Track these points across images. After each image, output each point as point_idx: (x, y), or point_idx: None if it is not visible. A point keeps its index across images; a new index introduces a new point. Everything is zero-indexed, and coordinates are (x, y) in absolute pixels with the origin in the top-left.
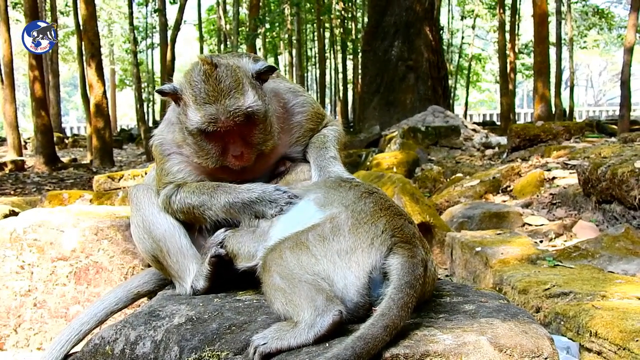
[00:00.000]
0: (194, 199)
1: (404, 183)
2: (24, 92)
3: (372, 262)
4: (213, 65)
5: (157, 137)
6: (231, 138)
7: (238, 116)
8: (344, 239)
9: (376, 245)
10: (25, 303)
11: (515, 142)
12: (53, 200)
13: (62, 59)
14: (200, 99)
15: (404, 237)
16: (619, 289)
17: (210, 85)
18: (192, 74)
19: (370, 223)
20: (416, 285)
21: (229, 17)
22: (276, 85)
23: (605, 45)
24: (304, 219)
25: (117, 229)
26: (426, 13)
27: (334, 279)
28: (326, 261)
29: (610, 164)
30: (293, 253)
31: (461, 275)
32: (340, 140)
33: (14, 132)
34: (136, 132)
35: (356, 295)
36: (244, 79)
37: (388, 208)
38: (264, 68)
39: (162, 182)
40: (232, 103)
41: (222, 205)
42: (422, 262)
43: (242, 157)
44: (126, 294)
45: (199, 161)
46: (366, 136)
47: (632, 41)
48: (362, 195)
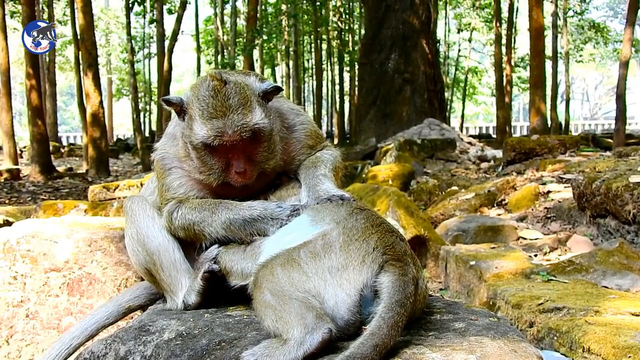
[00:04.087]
0: (195, 215)
1: (399, 196)
2: (20, 101)
3: (363, 280)
4: (222, 82)
5: (159, 151)
6: (235, 154)
7: (245, 132)
8: (335, 256)
9: (367, 263)
10: (17, 314)
11: (510, 155)
12: (48, 210)
13: (59, 68)
14: (208, 113)
15: (395, 255)
16: (613, 304)
17: (219, 101)
18: (200, 88)
19: (362, 240)
20: (407, 303)
21: (227, 28)
22: (280, 105)
23: (601, 59)
24: (295, 235)
25: (110, 240)
26: (423, 26)
27: (325, 297)
28: (317, 278)
29: (605, 178)
30: (284, 270)
31: (455, 289)
32: (335, 163)
33: (10, 140)
34: (132, 142)
35: (347, 313)
36: (251, 97)
37: (379, 225)
38: (270, 88)
39: (163, 198)
40: (240, 119)
41: (222, 222)
42: (413, 280)
43: (244, 174)
44: (117, 308)
45: (200, 177)
46: (362, 148)
47: (627, 55)
48: (354, 212)
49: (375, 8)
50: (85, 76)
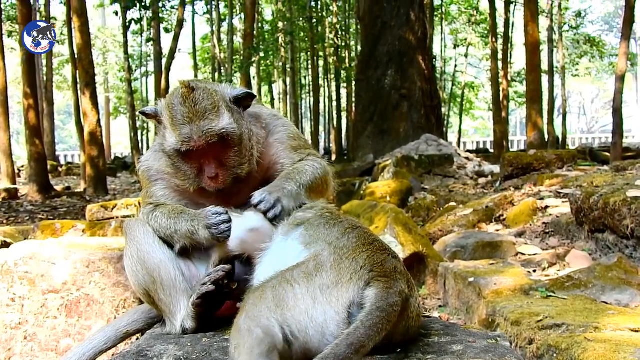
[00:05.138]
0: (164, 221)
1: (397, 213)
2: (18, 120)
3: (350, 297)
4: (190, 89)
5: (143, 163)
6: (206, 159)
7: (211, 137)
8: (326, 274)
9: (354, 280)
10: (15, 336)
11: (508, 170)
12: (46, 230)
13: (56, 87)
14: (177, 120)
15: (382, 272)
16: (612, 320)
17: (187, 107)
18: (171, 97)
19: (352, 259)
20: (389, 310)
21: (224, 45)
22: (258, 110)
23: (597, 73)
24: (289, 258)
25: (108, 261)
26: (419, 42)
27: (314, 315)
28: (307, 298)
29: (603, 193)
30: (274, 291)
31: (454, 305)
32: (315, 174)
33: (7, 160)
34: (130, 161)
35: (336, 330)
36: (220, 102)
37: (371, 243)
38: (242, 94)
39: (144, 202)
40: (206, 124)
41: (184, 233)
42: (400, 293)
43: (217, 179)
44: (115, 333)
45: (178, 182)
46: (360, 165)
47: (623, 69)
48: (346, 231)
49: (372, 25)
50: (82, 95)
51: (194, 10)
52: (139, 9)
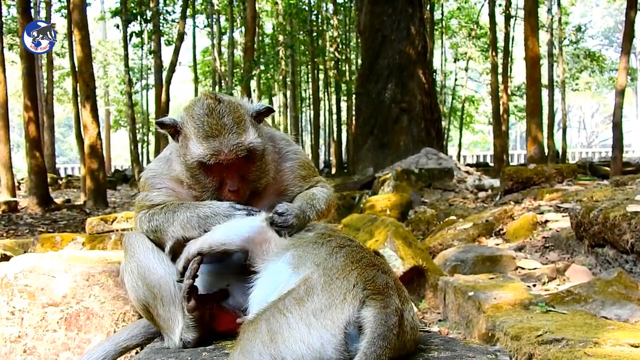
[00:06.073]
0: (161, 216)
1: (397, 227)
2: (18, 133)
3: (346, 318)
4: (217, 100)
5: (149, 171)
6: (230, 173)
7: (241, 151)
8: (317, 297)
9: (349, 300)
10: (15, 349)
11: (508, 184)
12: (45, 244)
13: (57, 100)
14: (203, 132)
15: (376, 289)
16: (612, 335)
17: (214, 119)
18: (194, 107)
19: (342, 278)
20: (389, 335)
21: (224, 59)
22: (271, 132)
23: (597, 87)
24: (279, 283)
25: (108, 274)
26: (419, 56)
27: (310, 341)
28: (301, 325)
29: (602, 207)
30: (268, 324)
31: (454, 319)
32: (328, 200)
33: (7, 172)
34: (130, 173)
35: (334, 353)
36: (245, 116)
37: (360, 260)
38: (263, 108)
39: (139, 206)
40: (235, 138)
41: (180, 221)
42: (396, 311)
43: (237, 192)
44: (114, 347)
45: (194, 194)
46: (360, 178)
47: (623, 84)
48: (334, 251)
49: (372, 39)
50: (83, 108)
51: (195, 23)
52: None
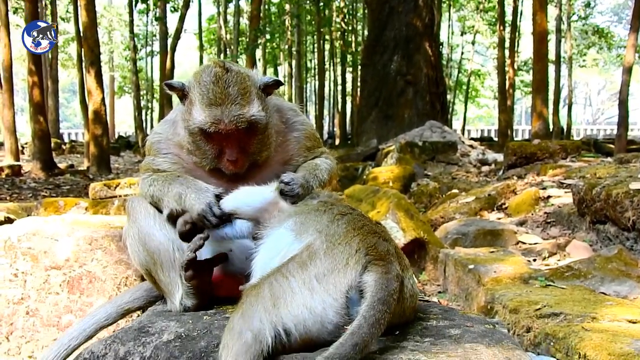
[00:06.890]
0: (159, 183)
1: (399, 199)
2: (22, 97)
3: (348, 282)
4: (225, 69)
5: (154, 134)
6: (229, 143)
7: (241, 122)
8: (320, 262)
9: (351, 265)
10: (17, 311)
11: (511, 159)
12: (49, 208)
13: (61, 65)
14: (207, 99)
15: (378, 255)
16: (610, 311)
17: (219, 88)
18: (202, 74)
19: (345, 244)
20: (390, 300)
21: (230, 27)
22: (279, 102)
23: (605, 64)
24: (281, 249)
25: (111, 239)
26: (426, 28)
27: (312, 306)
28: (304, 290)
29: (605, 184)
30: (271, 288)
31: (454, 292)
32: (331, 172)
33: (11, 137)
34: (134, 140)
35: (335, 316)
36: (251, 88)
37: (361, 227)
38: (271, 81)
39: (144, 168)
40: (238, 109)
41: (173, 195)
42: (397, 277)
43: (236, 162)
44: (116, 309)
45: (194, 160)
46: (363, 149)
47: (631, 61)
48: (335, 218)
49: (379, 10)
50: (87, 73)
51: None
52: None
